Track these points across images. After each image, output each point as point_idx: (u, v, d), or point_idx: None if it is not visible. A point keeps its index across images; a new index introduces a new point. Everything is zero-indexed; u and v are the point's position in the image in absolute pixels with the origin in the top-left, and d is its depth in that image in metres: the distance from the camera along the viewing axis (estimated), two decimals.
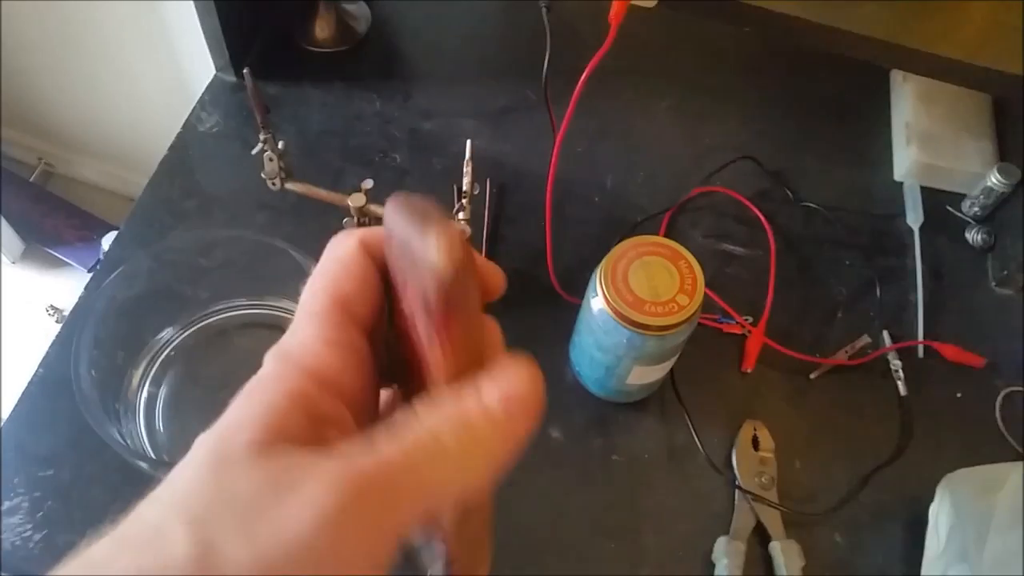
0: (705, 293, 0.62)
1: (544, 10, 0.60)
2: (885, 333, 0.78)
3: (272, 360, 0.26)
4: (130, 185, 1.82)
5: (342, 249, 0.28)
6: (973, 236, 0.85)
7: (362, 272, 0.28)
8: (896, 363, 0.76)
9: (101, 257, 1.67)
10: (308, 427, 0.24)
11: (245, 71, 0.66)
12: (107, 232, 1.64)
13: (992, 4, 0.67)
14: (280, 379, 0.25)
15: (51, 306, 1.70)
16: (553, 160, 0.67)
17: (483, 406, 0.24)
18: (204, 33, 0.85)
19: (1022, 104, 0.66)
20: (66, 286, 1.74)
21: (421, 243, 0.23)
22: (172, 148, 0.85)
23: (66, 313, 1.70)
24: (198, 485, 0.21)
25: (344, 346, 0.26)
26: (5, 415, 0.69)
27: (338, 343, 0.26)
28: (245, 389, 0.25)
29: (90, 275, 1.67)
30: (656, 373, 0.68)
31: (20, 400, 0.70)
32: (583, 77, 0.59)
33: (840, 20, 0.63)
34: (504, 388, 0.24)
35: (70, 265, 1.73)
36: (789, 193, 0.87)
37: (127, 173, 1.79)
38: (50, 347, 0.73)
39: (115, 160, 1.78)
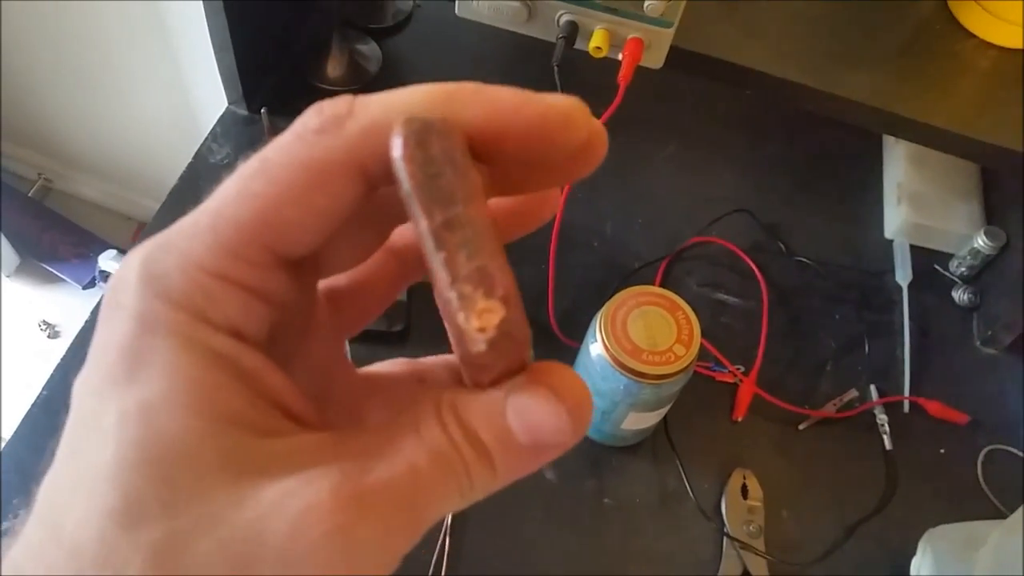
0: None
1: (556, 68, 0.63)
2: (872, 387, 0.80)
3: (148, 294, 0.19)
4: (129, 204, 1.83)
5: (318, 153, 0.20)
6: (960, 295, 0.88)
7: (329, 205, 0.20)
8: (882, 417, 0.78)
9: (97, 275, 1.68)
10: (250, 397, 0.20)
11: (263, 111, 0.68)
12: (104, 250, 1.65)
13: (988, 77, 0.69)
14: (185, 333, 0.19)
15: (44, 321, 1.71)
16: (559, 210, 0.69)
17: (506, 444, 0.20)
18: (219, 69, 0.86)
19: (1011, 175, 0.69)
20: (60, 302, 1.74)
21: (456, 302, 0.19)
22: (183, 178, 0.87)
23: (58, 329, 1.72)
24: (144, 504, 0.18)
25: (251, 293, 0.20)
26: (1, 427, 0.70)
27: (243, 287, 0.20)
28: (123, 340, 0.19)
29: (85, 291, 1.70)
30: (651, 419, 0.69)
31: (23, 421, 0.71)
32: None
33: (836, 86, 0.66)
34: (536, 419, 0.20)
35: (65, 281, 1.74)
36: (782, 246, 0.89)
37: (127, 193, 1.81)
38: (55, 370, 0.74)
39: (115, 180, 1.79)
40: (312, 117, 0.20)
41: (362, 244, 0.24)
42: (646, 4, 0.59)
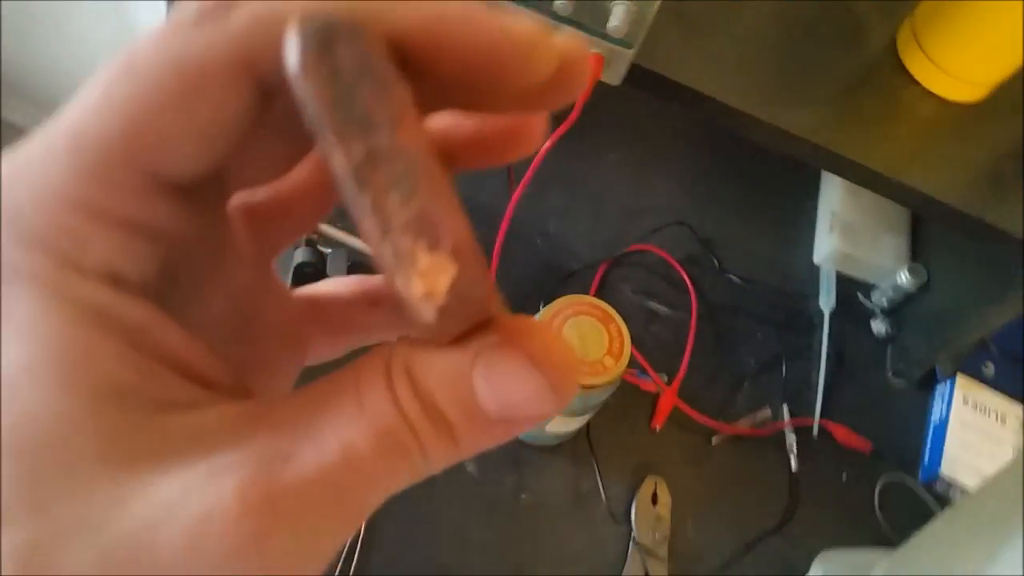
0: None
1: None
2: (785, 408, 0.84)
3: (34, 257, 0.16)
4: None
5: (195, 49, 0.16)
6: (878, 326, 0.91)
7: (214, 115, 0.16)
8: (791, 438, 0.82)
9: None
10: (138, 361, 0.16)
11: None
12: None
13: (926, 126, 0.72)
14: (48, 283, 0.15)
15: None
16: (508, 213, 0.70)
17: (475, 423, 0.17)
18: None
19: (936, 221, 0.72)
20: None
21: (391, 261, 0.15)
22: None
23: None
24: (4, 503, 0.14)
25: (130, 228, 0.17)
26: None
27: (119, 221, 0.16)
28: None
29: None
30: (575, 423, 0.71)
31: None
32: (544, 148, 0.63)
33: (781, 119, 0.68)
34: (511, 391, 0.17)
35: None
36: (716, 261, 0.92)
37: None
38: None
39: (47, 107, 1.73)
40: (191, 2, 0.16)
41: (278, 155, 0.20)
42: (609, 25, 0.60)
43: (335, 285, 0.24)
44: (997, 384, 0.86)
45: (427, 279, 0.15)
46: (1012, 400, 0.85)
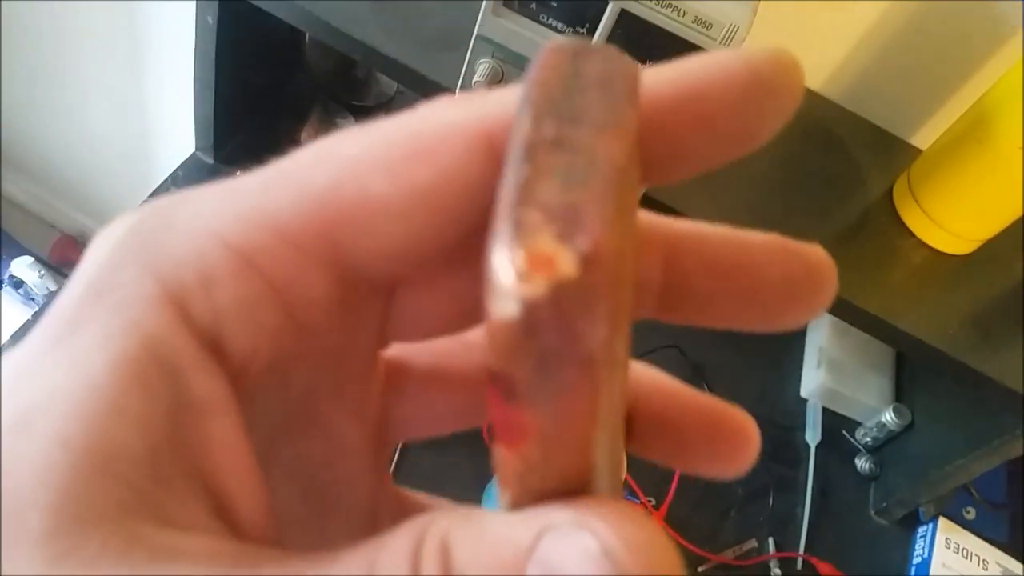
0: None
1: None
2: (771, 540, 0.84)
3: (124, 250, 0.13)
4: (55, 213, 1.78)
5: (436, 115, 0.14)
6: (862, 464, 0.93)
7: (432, 183, 0.14)
8: (776, 572, 0.82)
9: (5, 279, 1.61)
10: (160, 443, 0.13)
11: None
12: (18, 256, 1.59)
13: (918, 275, 0.75)
14: (136, 313, 0.13)
15: None
16: None
17: None
18: (195, 113, 0.87)
19: (922, 363, 0.75)
20: None
21: (503, 231, 0.11)
22: None
23: None
24: None
25: (274, 290, 0.14)
26: None
27: (266, 277, 0.14)
28: (63, 305, 0.13)
29: None
30: None
31: None
32: None
33: None
34: None
35: None
36: (706, 387, 0.93)
37: (56, 201, 1.76)
38: None
39: (47, 185, 1.74)
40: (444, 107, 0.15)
41: (463, 300, 0.17)
42: None
43: (441, 502, 0.21)
44: (978, 529, 0.87)
45: (532, 260, 0.11)
46: (993, 546, 0.86)
